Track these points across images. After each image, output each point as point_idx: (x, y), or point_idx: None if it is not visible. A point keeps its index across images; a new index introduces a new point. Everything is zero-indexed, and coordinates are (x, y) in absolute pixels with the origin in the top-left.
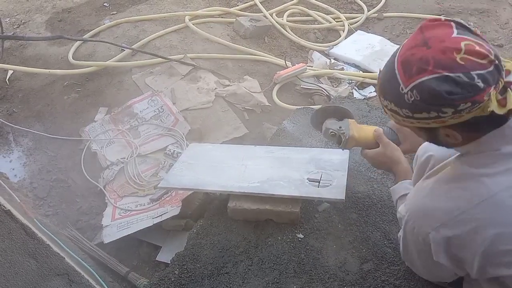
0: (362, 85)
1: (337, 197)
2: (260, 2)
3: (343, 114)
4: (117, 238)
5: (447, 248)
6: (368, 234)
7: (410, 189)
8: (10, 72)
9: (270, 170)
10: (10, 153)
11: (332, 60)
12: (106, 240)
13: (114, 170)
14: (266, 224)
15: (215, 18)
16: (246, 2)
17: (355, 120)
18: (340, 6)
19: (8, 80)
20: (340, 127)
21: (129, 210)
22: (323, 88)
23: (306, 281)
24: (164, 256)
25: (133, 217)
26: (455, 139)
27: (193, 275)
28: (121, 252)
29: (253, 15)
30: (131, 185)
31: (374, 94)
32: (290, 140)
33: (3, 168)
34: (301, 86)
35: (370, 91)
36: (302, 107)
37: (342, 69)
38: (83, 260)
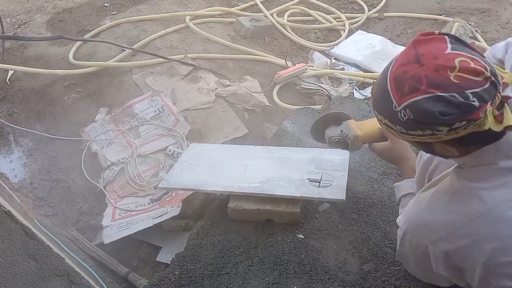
0: (363, 85)
1: (338, 197)
2: (261, 2)
3: (340, 118)
4: (117, 239)
5: (446, 261)
6: (369, 235)
7: (414, 187)
8: (11, 72)
9: (271, 170)
10: (11, 154)
11: (333, 60)
12: (106, 241)
13: (115, 171)
14: (267, 225)
15: (216, 18)
16: (247, 2)
17: (353, 119)
18: (341, 6)
19: (9, 80)
20: (342, 131)
21: (129, 211)
22: (324, 88)
23: (307, 282)
24: (164, 257)
25: (133, 218)
26: (451, 153)
27: (193, 276)
28: (121, 253)
29: (254, 15)
30: (132, 186)
31: None
32: (291, 140)
33: (4, 169)
34: (302, 86)
35: (371, 91)
36: (303, 107)
37: (343, 69)
38: (83, 261)
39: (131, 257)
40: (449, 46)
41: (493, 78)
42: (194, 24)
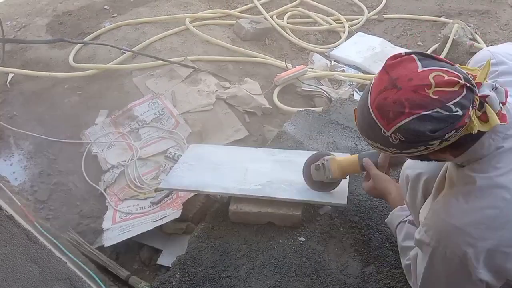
0: (363, 87)
1: (339, 202)
2: (261, 4)
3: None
4: (118, 242)
5: (489, 261)
6: (370, 237)
7: (402, 215)
8: (11, 75)
9: (272, 173)
10: (11, 156)
11: (333, 62)
12: (107, 244)
13: (115, 173)
14: (268, 227)
15: (216, 21)
16: (246, 4)
17: (333, 157)
18: (341, 8)
19: (9, 83)
20: (318, 159)
21: (130, 213)
22: (324, 90)
23: (308, 285)
24: (165, 260)
25: (134, 220)
26: (446, 157)
27: (194, 279)
28: (122, 256)
29: (254, 17)
30: (132, 188)
31: None
32: (291, 143)
33: (4, 172)
34: (302, 88)
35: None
36: (303, 109)
37: (343, 71)
38: (84, 264)
39: (132, 260)
40: (419, 64)
41: (468, 84)
42: (194, 27)
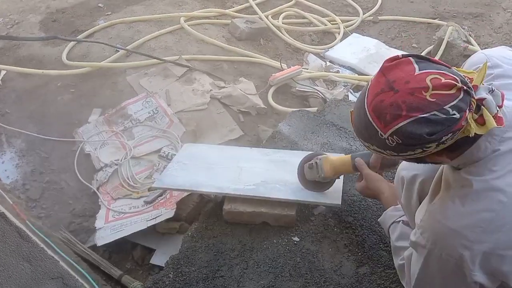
0: (358, 88)
1: (334, 202)
2: (256, 4)
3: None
4: (111, 241)
5: (485, 264)
6: (364, 238)
7: (396, 216)
8: (3, 73)
9: (266, 173)
10: (3, 154)
11: (328, 63)
12: (100, 243)
13: (108, 172)
14: (262, 227)
15: (211, 20)
16: (242, 4)
17: (326, 156)
18: (336, 9)
19: (1, 80)
20: (312, 159)
21: (123, 213)
22: (319, 91)
23: (302, 285)
24: (158, 259)
25: (127, 220)
26: (442, 160)
27: (188, 279)
28: (115, 255)
29: (249, 17)
30: (125, 187)
31: None
32: (286, 143)
33: None
34: (297, 89)
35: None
36: (298, 110)
37: (338, 72)
38: (76, 263)
39: (125, 260)
40: (417, 67)
41: (465, 87)
42: (189, 26)
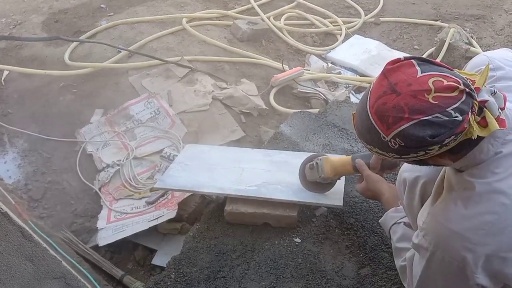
0: (359, 89)
1: (335, 204)
2: (258, 5)
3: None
4: (113, 241)
5: (487, 267)
6: (366, 239)
7: (397, 217)
8: (6, 73)
9: (268, 174)
10: (5, 154)
11: (329, 64)
12: (101, 243)
13: (110, 173)
14: (263, 228)
15: (213, 21)
16: (244, 5)
17: (327, 157)
18: (338, 11)
19: (4, 81)
20: (313, 160)
21: (125, 213)
22: (320, 92)
23: (303, 286)
24: (160, 260)
25: (129, 220)
26: (445, 162)
27: (189, 279)
28: (116, 255)
29: (251, 18)
30: (127, 188)
31: None
32: (288, 144)
33: None
34: (298, 90)
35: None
36: (300, 111)
37: (339, 73)
38: (78, 263)
39: (126, 260)
40: (419, 69)
41: (467, 89)
42: (191, 27)
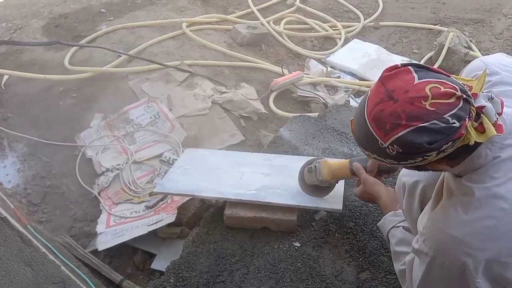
0: (359, 93)
1: (335, 208)
2: (258, 10)
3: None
4: (112, 246)
5: (488, 272)
6: (365, 243)
7: (396, 221)
8: (6, 77)
9: (267, 178)
10: (5, 159)
11: (329, 68)
12: (101, 248)
13: (109, 177)
14: (263, 232)
15: (212, 25)
16: (243, 10)
17: (325, 160)
18: (337, 15)
19: (4, 85)
20: (312, 163)
21: (124, 217)
22: (320, 96)
23: None
24: (159, 264)
25: (128, 224)
26: (443, 168)
27: (189, 284)
28: (116, 260)
29: (250, 23)
30: (126, 192)
31: None
32: (287, 148)
33: None
34: (298, 94)
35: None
36: (299, 115)
37: (339, 77)
38: (77, 268)
39: (126, 265)
40: (416, 76)
41: (464, 95)
42: (191, 31)
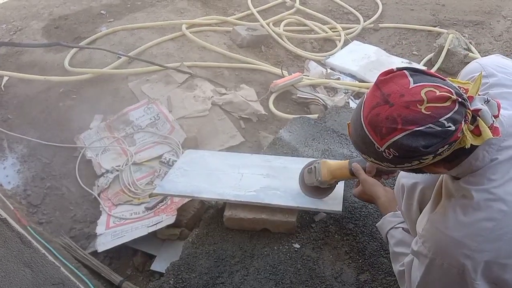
0: (358, 95)
1: (334, 209)
2: (257, 12)
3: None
4: (111, 247)
5: (486, 273)
6: (365, 245)
7: (395, 222)
8: (6, 79)
9: (267, 179)
10: (4, 160)
11: (328, 70)
12: (100, 249)
13: (109, 178)
14: (262, 234)
15: (212, 27)
16: (243, 11)
17: (325, 161)
18: (337, 17)
19: (3, 86)
20: (312, 164)
21: (124, 219)
22: (320, 98)
23: None
24: (159, 266)
25: (128, 226)
26: (440, 171)
27: (188, 285)
28: (115, 261)
29: (250, 24)
30: (126, 193)
31: None
32: (287, 149)
33: None
34: (298, 95)
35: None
36: (299, 116)
37: (338, 79)
38: (77, 269)
39: (125, 266)
40: (411, 80)
41: (460, 99)
42: (191, 33)
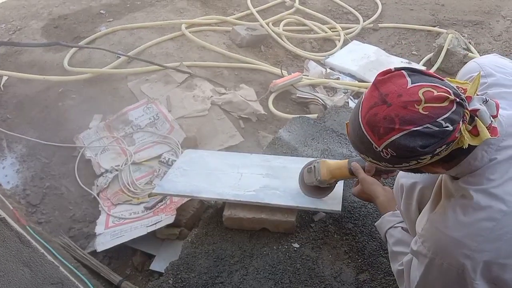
0: (358, 95)
1: (334, 209)
2: (257, 11)
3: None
4: (111, 247)
5: (486, 273)
6: (364, 244)
7: (394, 221)
8: (5, 78)
9: (266, 179)
10: (3, 160)
11: (328, 70)
12: (99, 249)
13: (108, 178)
14: (262, 234)
15: (212, 27)
16: (243, 11)
17: (324, 160)
18: (336, 17)
19: (3, 86)
20: (311, 163)
21: (123, 218)
22: (319, 97)
23: None
24: (158, 265)
25: (127, 225)
26: (438, 171)
27: (188, 285)
28: (114, 261)
29: (250, 24)
30: (125, 193)
31: None
32: (286, 149)
33: None
34: (297, 95)
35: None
36: (298, 116)
37: (338, 79)
38: (76, 269)
39: (125, 266)
40: (409, 80)
41: (458, 99)
42: (190, 32)
